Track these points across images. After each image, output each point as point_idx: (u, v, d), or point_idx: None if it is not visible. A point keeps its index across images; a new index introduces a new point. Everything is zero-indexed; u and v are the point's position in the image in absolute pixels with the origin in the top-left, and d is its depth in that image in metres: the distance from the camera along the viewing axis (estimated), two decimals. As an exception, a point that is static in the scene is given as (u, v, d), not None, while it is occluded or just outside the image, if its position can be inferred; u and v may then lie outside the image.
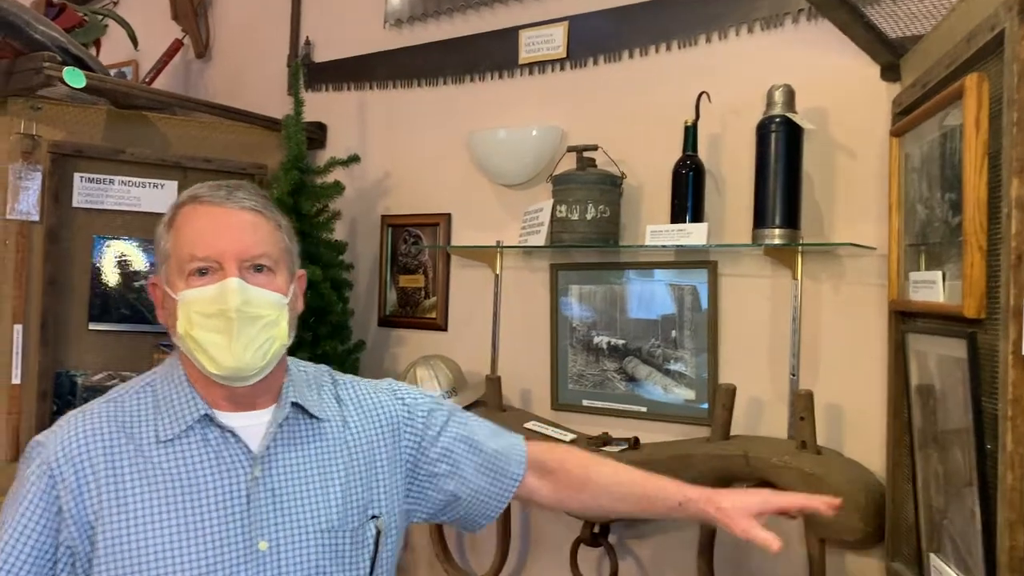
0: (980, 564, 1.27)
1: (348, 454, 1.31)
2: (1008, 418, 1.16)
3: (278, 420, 1.26)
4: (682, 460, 2.03)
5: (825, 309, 2.04)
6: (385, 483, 1.34)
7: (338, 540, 1.25)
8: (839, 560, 1.98)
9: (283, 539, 1.21)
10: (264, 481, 1.23)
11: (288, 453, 1.26)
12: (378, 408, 1.39)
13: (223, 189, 1.26)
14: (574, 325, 2.40)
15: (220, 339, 1.18)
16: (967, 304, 1.28)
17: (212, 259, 1.20)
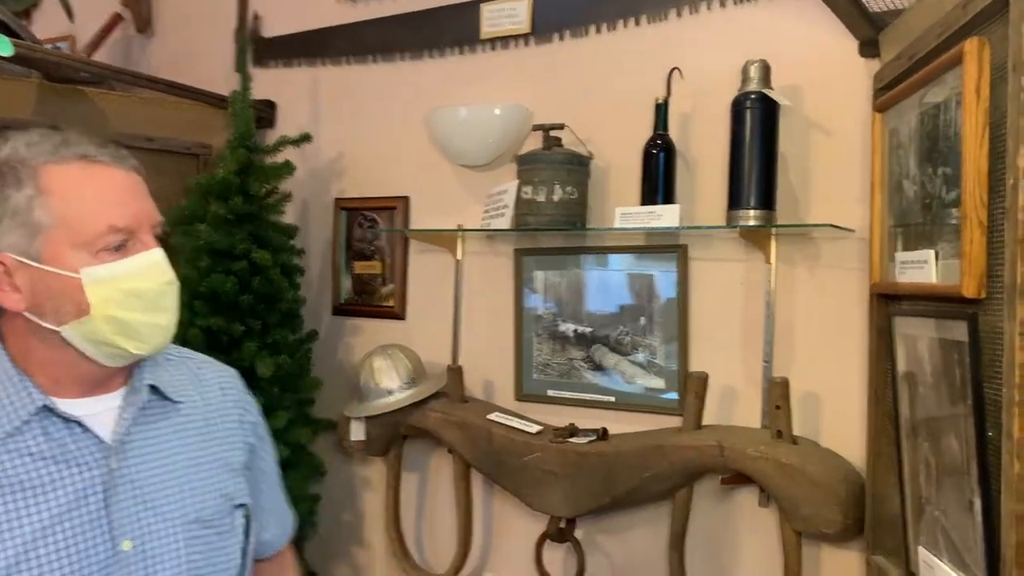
0: (980, 558, 1.20)
1: (209, 439, 1.21)
2: (1016, 403, 1.09)
3: (136, 404, 1.13)
4: (653, 452, 1.95)
5: (800, 294, 1.97)
6: (243, 470, 1.25)
7: (208, 532, 1.15)
8: (815, 553, 1.92)
9: (149, 536, 1.09)
10: (123, 473, 1.09)
11: (147, 440, 1.13)
12: (230, 390, 1.29)
13: (109, 146, 1.10)
14: (539, 313, 2.30)
15: (150, 317, 1.07)
16: (966, 284, 1.21)
17: (130, 229, 1.07)
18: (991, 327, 1.19)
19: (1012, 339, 1.10)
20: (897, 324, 1.50)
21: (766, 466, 1.81)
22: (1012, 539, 1.09)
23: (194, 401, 1.22)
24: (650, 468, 1.95)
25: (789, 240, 1.96)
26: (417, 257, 2.55)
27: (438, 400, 2.29)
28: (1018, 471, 1.09)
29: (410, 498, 2.51)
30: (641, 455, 1.96)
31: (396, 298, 2.58)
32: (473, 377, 2.37)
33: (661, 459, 1.93)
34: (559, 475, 2.06)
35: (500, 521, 2.37)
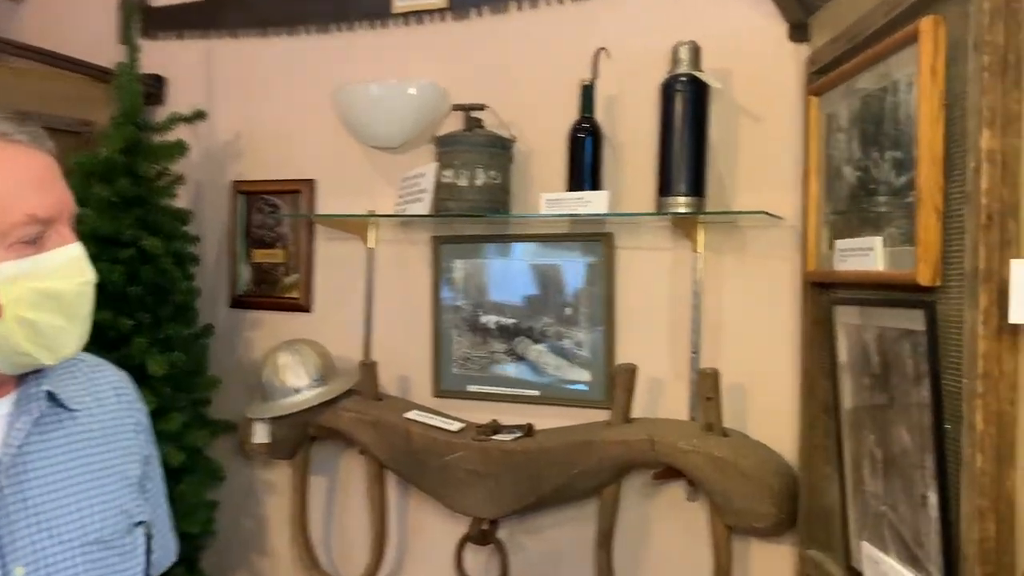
0: (934, 554, 1.17)
1: (107, 450, 1.07)
2: (978, 395, 1.05)
3: (31, 414, 0.98)
4: (582, 448, 1.87)
5: (728, 283, 1.92)
6: (140, 483, 1.12)
7: (108, 554, 1.03)
8: (745, 548, 1.88)
9: (45, 561, 0.95)
10: (14, 492, 0.95)
11: (41, 454, 0.99)
12: (125, 396, 1.14)
13: (28, 124, 0.96)
14: (458, 304, 2.19)
15: (66, 323, 0.95)
16: (921, 271, 1.17)
17: (49, 219, 0.93)
18: (946, 316, 1.15)
19: (974, 328, 1.06)
20: (838, 313, 1.46)
21: (698, 460, 1.75)
22: (975, 534, 1.06)
23: (91, 409, 1.06)
24: (578, 465, 1.87)
25: (717, 228, 1.91)
26: (324, 245, 2.39)
27: (350, 399, 2.14)
28: (981, 465, 1.05)
29: (318, 503, 2.35)
30: (569, 452, 1.88)
31: (301, 289, 2.41)
32: (387, 373, 2.24)
33: (590, 455, 1.85)
34: (482, 475, 1.95)
35: (417, 524, 2.25)
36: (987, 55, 1.06)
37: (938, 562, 1.16)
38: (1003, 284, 1.05)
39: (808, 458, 1.68)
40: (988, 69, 1.06)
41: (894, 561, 1.29)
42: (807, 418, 1.68)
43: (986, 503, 1.05)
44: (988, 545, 1.05)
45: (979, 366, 1.05)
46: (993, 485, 1.05)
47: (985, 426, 1.05)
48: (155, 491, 1.18)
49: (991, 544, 1.05)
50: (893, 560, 1.29)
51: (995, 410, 1.05)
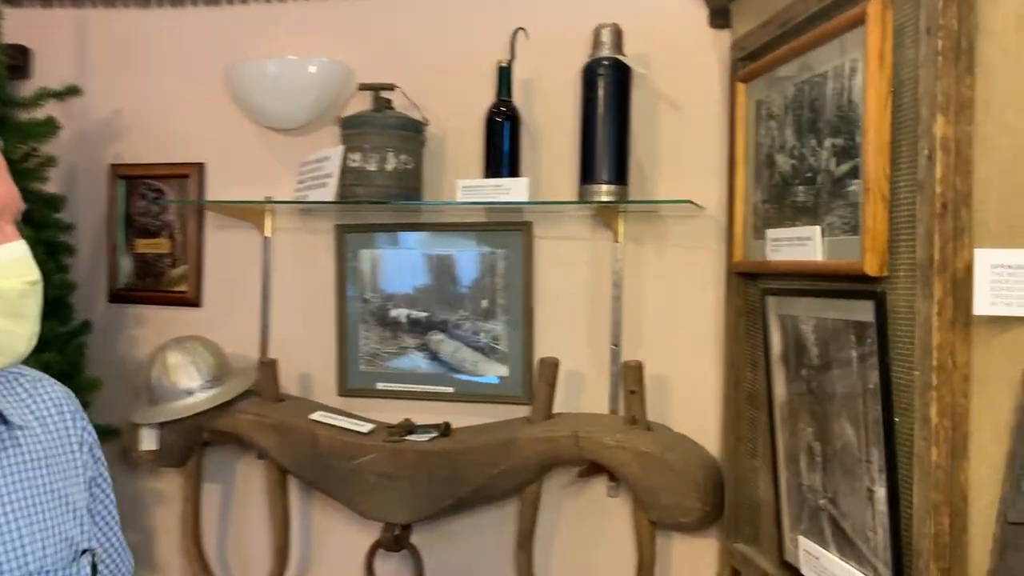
0: (880, 548, 1.15)
1: (49, 473, 0.97)
2: (933, 388, 1.03)
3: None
4: (503, 446, 1.78)
5: (649, 274, 1.88)
6: (84, 502, 1.01)
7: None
8: (667, 544, 1.85)
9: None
10: None
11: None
12: (67, 412, 1.02)
13: None
14: (366, 296, 2.06)
15: (10, 324, 0.88)
16: (868, 261, 1.14)
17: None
18: (895, 307, 1.13)
19: (928, 320, 1.04)
20: (772, 304, 1.43)
21: (624, 455, 1.70)
22: (929, 529, 1.04)
23: (32, 428, 0.94)
24: (500, 464, 1.78)
25: (638, 218, 1.86)
26: (215, 234, 2.21)
27: (248, 400, 1.98)
28: (935, 459, 1.03)
29: (212, 513, 2.18)
30: (490, 451, 1.79)
31: (190, 282, 2.22)
32: (288, 372, 2.09)
33: (512, 454, 1.77)
34: (396, 478, 1.84)
35: (322, 532, 2.11)
36: (941, 39, 1.03)
37: (885, 557, 1.14)
38: (956, 274, 1.03)
39: (733, 451, 1.66)
40: (942, 54, 1.03)
41: (835, 556, 1.26)
42: (732, 410, 1.66)
43: (940, 497, 1.03)
44: (942, 540, 1.03)
45: (933, 358, 1.03)
46: (947, 479, 1.03)
47: (939, 419, 1.03)
48: (104, 515, 1.06)
49: (945, 539, 1.03)
50: (834, 555, 1.27)
51: (949, 403, 1.03)
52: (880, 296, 1.12)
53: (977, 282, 0.93)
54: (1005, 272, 0.92)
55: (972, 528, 1.03)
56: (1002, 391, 0.97)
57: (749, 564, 1.57)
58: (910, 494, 1.09)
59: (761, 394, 1.56)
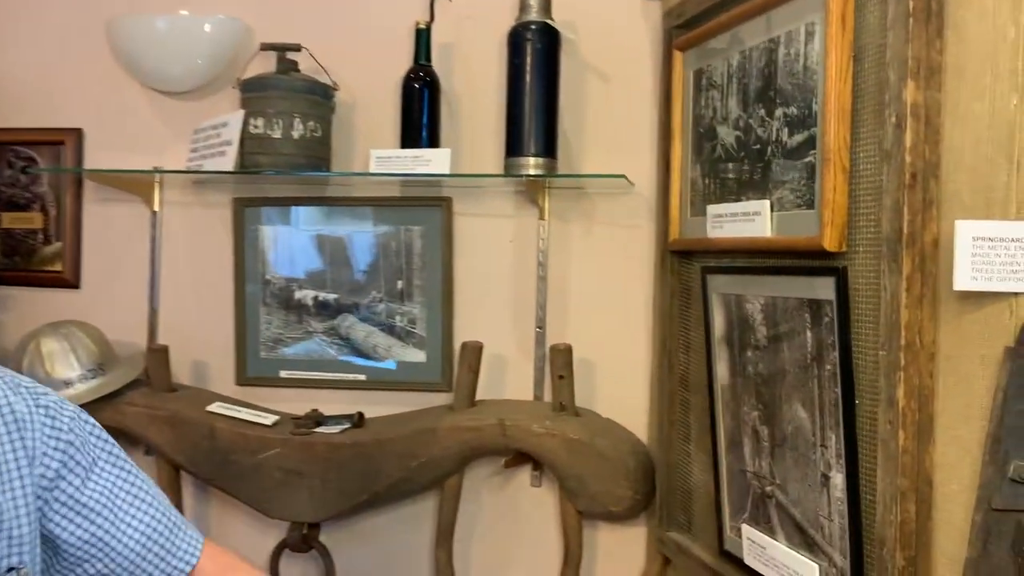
0: (838, 538, 1.10)
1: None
2: (901, 368, 0.98)
3: None
4: (423, 436, 1.67)
5: (576, 253, 1.79)
6: (20, 518, 0.92)
7: None
8: (593, 534, 1.77)
9: None
10: None
11: None
12: (11, 420, 0.93)
13: None
14: (268, 277, 1.89)
15: None
16: (828, 235, 1.08)
17: None
18: (854, 283, 1.07)
19: (896, 296, 0.98)
20: (714, 284, 1.36)
21: (553, 443, 1.62)
22: (895, 516, 0.99)
23: None
24: (419, 456, 1.66)
25: (564, 195, 1.77)
26: (95, 208, 1.98)
27: (136, 391, 1.79)
28: (902, 443, 0.98)
29: (93, 515, 1.96)
30: (409, 442, 1.67)
31: (66, 261, 1.99)
32: (180, 359, 1.90)
33: (433, 444, 1.66)
34: (304, 473, 1.69)
35: (221, 533, 1.93)
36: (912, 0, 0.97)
37: (842, 546, 1.09)
38: (925, 249, 0.98)
39: (666, 436, 1.59)
40: (913, 16, 0.97)
41: (784, 545, 1.21)
42: (665, 394, 1.59)
43: (907, 483, 0.98)
44: (908, 528, 0.99)
45: (902, 337, 0.98)
46: (913, 463, 0.98)
47: (907, 401, 0.98)
48: (111, 504, 1.00)
49: (911, 527, 0.99)
50: (783, 544, 1.21)
51: (916, 384, 0.98)
52: (842, 272, 1.06)
53: (958, 255, 0.88)
54: (986, 245, 0.87)
55: (937, 515, 0.98)
56: (975, 370, 0.92)
57: (683, 553, 1.52)
58: (872, 480, 1.04)
59: (697, 377, 1.50)
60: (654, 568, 1.65)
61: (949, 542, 0.96)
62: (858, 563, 1.07)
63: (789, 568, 1.20)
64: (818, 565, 1.14)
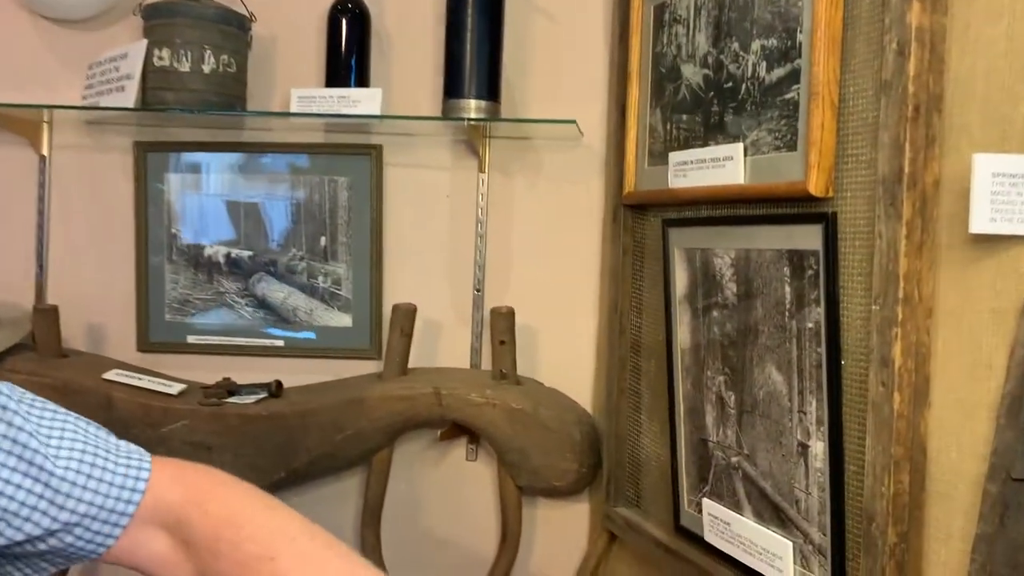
0: (816, 512, 1.00)
1: None
2: (898, 324, 0.88)
3: None
4: (350, 407, 1.51)
5: (518, 210, 1.66)
6: None
7: None
8: (533, 511, 1.65)
9: None
10: None
11: None
12: None
13: None
14: (174, 231, 1.69)
15: None
16: (815, 178, 0.97)
17: None
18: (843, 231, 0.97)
19: (895, 244, 0.88)
20: (676, 237, 1.25)
21: (493, 413, 1.49)
22: (888, 488, 0.89)
23: None
24: (345, 428, 1.51)
25: (507, 147, 1.63)
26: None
27: (19, 356, 1.58)
28: (898, 407, 0.88)
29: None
30: (333, 413, 1.51)
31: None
32: (72, 322, 1.69)
33: (361, 415, 1.50)
34: (215, 448, 1.52)
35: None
36: (920, -91, 0.86)
37: (821, 522, 0.99)
38: (926, 191, 0.88)
39: (615, 405, 1.48)
40: (921, -74, 0.87)
41: (752, 520, 1.11)
42: (615, 360, 1.48)
43: (901, 451, 0.89)
44: (902, 501, 0.89)
45: (900, 289, 0.88)
46: (908, 430, 0.89)
47: (903, 360, 0.88)
48: None
49: (905, 499, 0.89)
50: (750, 519, 1.11)
51: (913, 341, 0.88)
52: (831, 218, 0.96)
53: (975, 194, 0.77)
54: (1007, 182, 0.77)
55: (932, 486, 0.89)
56: (983, 326, 0.83)
57: (633, 530, 1.41)
58: (858, 449, 0.94)
59: (651, 341, 1.38)
60: (599, 545, 1.54)
61: (946, 516, 0.87)
62: (839, 540, 0.97)
63: (758, 546, 1.10)
64: (792, 542, 1.04)
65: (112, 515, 0.70)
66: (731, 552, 1.15)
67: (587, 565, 1.56)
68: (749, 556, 1.11)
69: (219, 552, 0.70)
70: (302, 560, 0.69)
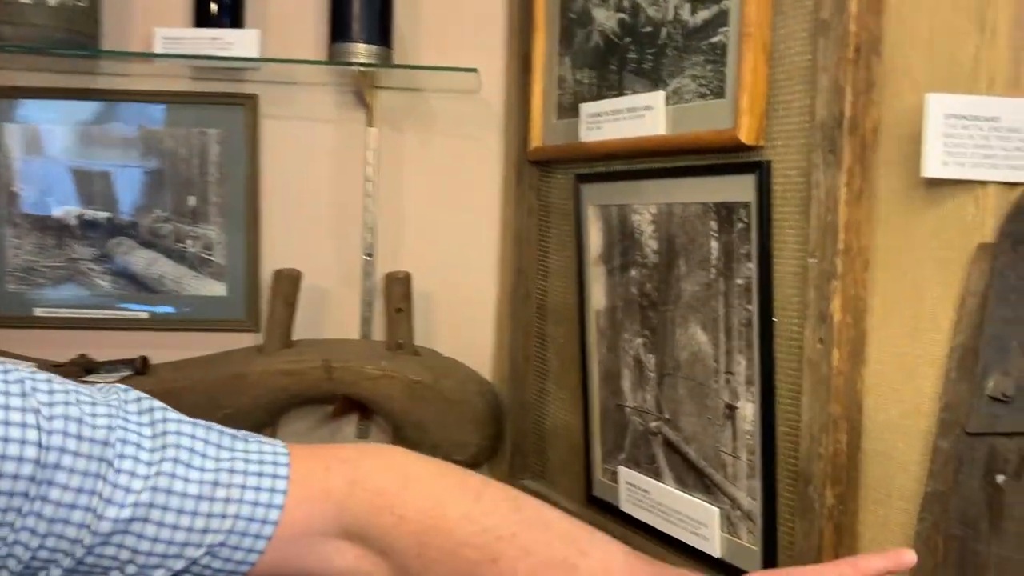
0: (745, 475, 0.96)
1: None
2: (838, 277, 0.84)
3: None
4: (228, 384, 1.37)
5: (411, 169, 1.54)
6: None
7: None
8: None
9: None
10: None
11: None
12: None
13: None
14: (15, 189, 1.48)
15: None
16: (746, 126, 0.92)
17: None
18: (774, 181, 0.92)
19: (834, 194, 0.84)
20: (590, 193, 1.18)
21: (391, 386, 1.38)
22: (827, 448, 0.85)
23: None
24: (224, 407, 1.37)
25: (398, 98, 1.51)
26: None
27: None
28: (836, 364, 0.85)
29: None
30: (210, 390, 1.36)
31: None
32: None
33: (240, 392, 1.37)
34: (71, 434, 1.34)
35: None
36: None
37: (749, 486, 0.95)
38: (866, 137, 0.84)
39: (520, 373, 1.40)
40: None
41: (673, 487, 1.06)
42: (520, 326, 1.40)
43: (839, 410, 0.85)
44: (840, 461, 0.86)
45: (839, 241, 0.83)
46: (847, 387, 0.85)
47: (843, 315, 0.84)
48: None
49: (843, 459, 0.86)
50: (671, 486, 1.07)
51: (852, 295, 0.85)
52: (765, 168, 0.90)
53: (928, 135, 0.73)
54: (959, 124, 0.73)
55: (868, 445, 0.86)
56: (927, 276, 0.80)
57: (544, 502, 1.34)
58: (790, 408, 0.91)
59: (558, 306, 1.32)
60: (502, 522, 1.47)
61: (885, 475, 0.84)
62: (771, 504, 0.93)
63: (681, 513, 1.05)
64: (718, 509, 1.00)
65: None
66: (651, 521, 1.10)
67: (489, 542, 1.49)
68: (671, 525, 1.07)
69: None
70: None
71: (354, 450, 0.68)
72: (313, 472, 0.63)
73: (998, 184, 0.75)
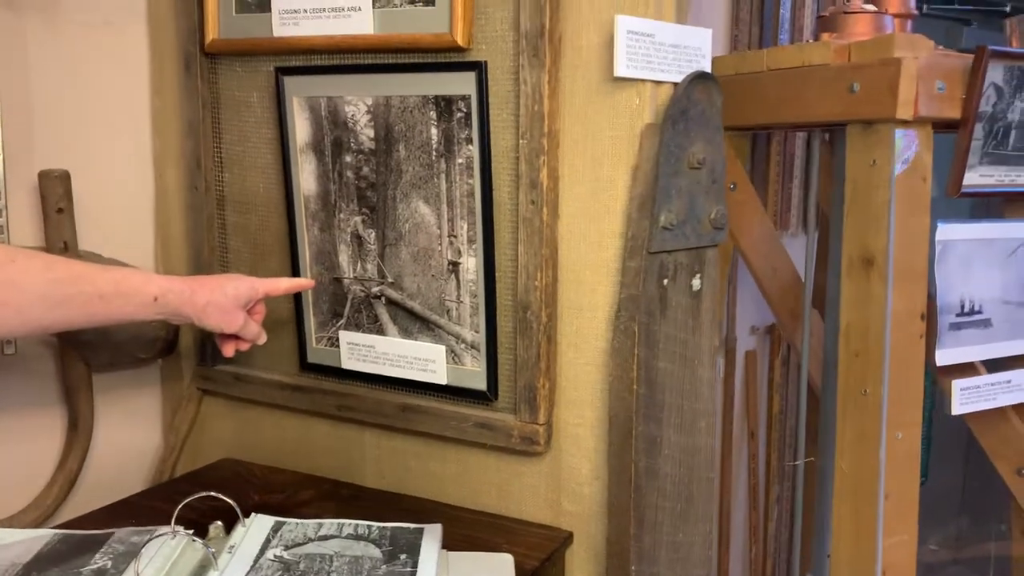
0: (469, 315, 1.21)
1: None
2: (544, 152, 1.12)
3: None
4: None
5: (35, 54, 1.41)
6: None
7: None
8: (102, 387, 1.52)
9: None
10: None
11: None
12: None
13: None
14: None
15: None
16: (461, 31, 1.13)
17: None
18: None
19: (540, 89, 1.10)
20: (294, 86, 1.27)
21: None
22: (540, 281, 1.15)
23: None
24: None
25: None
26: None
27: None
28: (545, 218, 1.13)
29: None
30: None
31: None
32: None
33: None
34: None
35: None
36: None
37: (473, 322, 1.21)
38: (558, 44, 1.11)
39: (206, 264, 1.44)
40: None
41: (399, 336, 1.27)
42: (203, 219, 1.43)
43: (547, 252, 1.15)
44: (550, 290, 1.16)
45: (545, 125, 1.11)
46: (551, 235, 1.15)
47: (549, 182, 1.13)
48: None
49: (551, 288, 1.16)
50: (397, 336, 1.27)
51: (553, 167, 1.13)
52: (483, 67, 1.13)
53: (618, 46, 1.03)
54: (634, 38, 1.04)
55: (563, 275, 1.17)
56: (604, 150, 1.11)
57: (243, 381, 1.43)
58: (506, 257, 1.17)
59: (250, 194, 1.39)
60: (190, 409, 1.52)
61: (576, 295, 1.17)
62: (492, 332, 1.20)
63: (408, 357, 1.27)
64: (444, 346, 1.24)
65: None
66: (376, 371, 1.30)
67: (178, 431, 1.53)
68: (398, 368, 1.28)
69: None
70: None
71: None
72: None
73: (653, 82, 1.09)
